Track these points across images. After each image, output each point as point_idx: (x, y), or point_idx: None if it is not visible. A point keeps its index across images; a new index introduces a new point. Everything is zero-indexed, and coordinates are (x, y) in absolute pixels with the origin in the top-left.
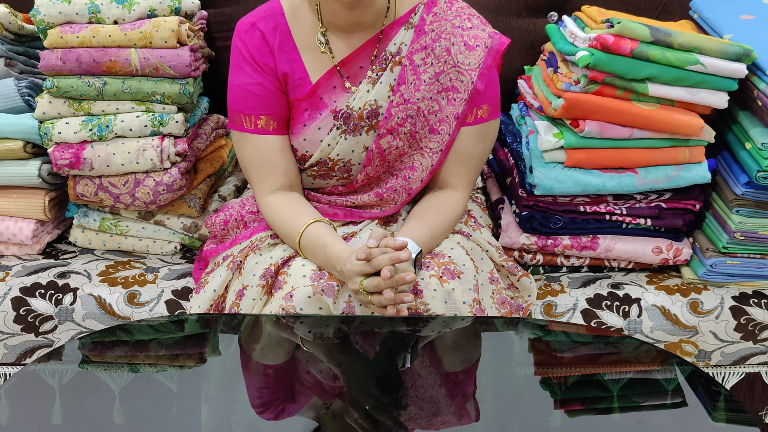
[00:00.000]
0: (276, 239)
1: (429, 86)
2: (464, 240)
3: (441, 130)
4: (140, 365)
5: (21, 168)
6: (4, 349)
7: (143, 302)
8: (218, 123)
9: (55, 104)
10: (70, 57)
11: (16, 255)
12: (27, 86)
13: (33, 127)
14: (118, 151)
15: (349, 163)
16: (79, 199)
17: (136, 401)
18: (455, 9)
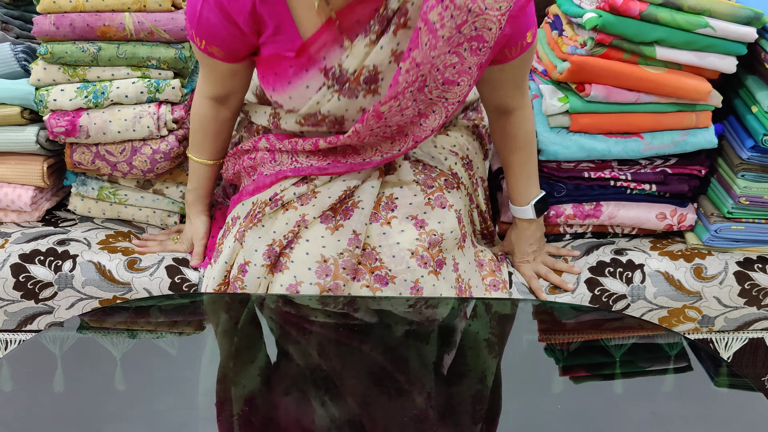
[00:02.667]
0: (277, 206)
1: (448, 41)
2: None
3: (461, 81)
4: (141, 333)
5: (19, 134)
6: (5, 316)
7: (144, 267)
8: None
9: (49, 70)
10: (63, 22)
11: (15, 222)
12: (23, 51)
13: (29, 92)
14: (114, 118)
15: (342, 119)
16: (76, 168)
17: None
18: None
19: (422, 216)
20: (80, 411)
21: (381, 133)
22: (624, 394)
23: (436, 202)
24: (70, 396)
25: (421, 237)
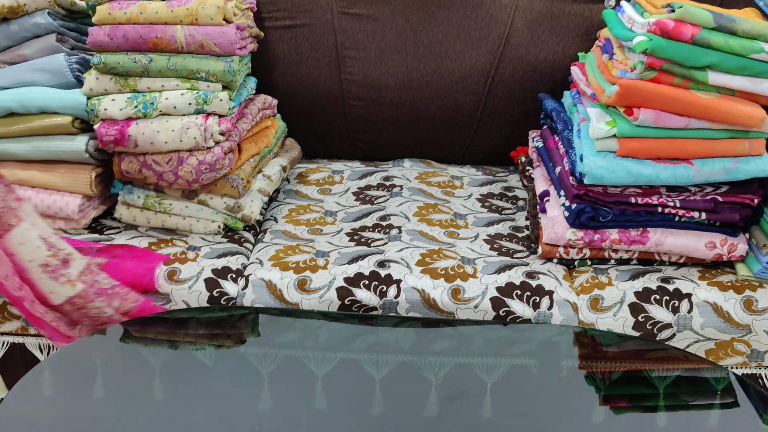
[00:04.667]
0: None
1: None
2: None
3: None
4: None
5: (69, 143)
6: None
7: (183, 279)
8: (265, 104)
9: (101, 80)
10: (117, 33)
11: (62, 229)
12: (77, 62)
13: (81, 102)
14: (162, 128)
15: None
16: (123, 176)
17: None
18: None
19: None
20: (116, 418)
21: None
22: (667, 428)
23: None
24: (107, 402)
25: None
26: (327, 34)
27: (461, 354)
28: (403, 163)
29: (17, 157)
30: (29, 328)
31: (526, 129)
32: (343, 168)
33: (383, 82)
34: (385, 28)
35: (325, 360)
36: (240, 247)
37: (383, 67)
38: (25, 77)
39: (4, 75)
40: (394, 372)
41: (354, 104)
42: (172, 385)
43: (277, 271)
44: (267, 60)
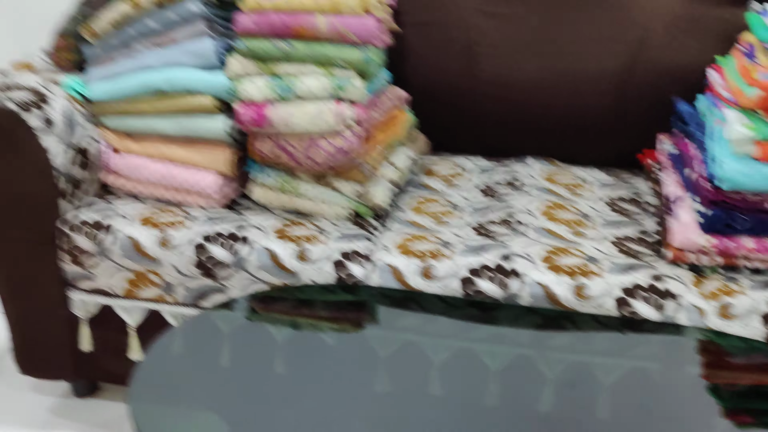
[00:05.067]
0: None
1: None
2: None
3: None
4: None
5: (210, 122)
6: (184, 291)
7: (313, 259)
8: (396, 96)
9: (244, 64)
10: (263, 20)
11: (200, 205)
12: (222, 47)
13: (223, 84)
14: (297, 112)
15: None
16: (258, 156)
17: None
18: None
19: None
20: (237, 388)
21: None
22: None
23: None
24: (230, 372)
25: None
26: (461, 31)
27: (580, 351)
28: (528, 161)
29: (162, 133)
30: (166, 296)
31: (653, 133)
32: (468, 163)
33: (513, 80)
34: (518, 26)
35: (442, 348)
36: (367, 233)
37: (514, 65)
38: (174, 59)
39: (155, 57)
40: (510, 364)
41: (483, 101)
42: (292, 360)
43: (403, 258)
44: (400, 54)
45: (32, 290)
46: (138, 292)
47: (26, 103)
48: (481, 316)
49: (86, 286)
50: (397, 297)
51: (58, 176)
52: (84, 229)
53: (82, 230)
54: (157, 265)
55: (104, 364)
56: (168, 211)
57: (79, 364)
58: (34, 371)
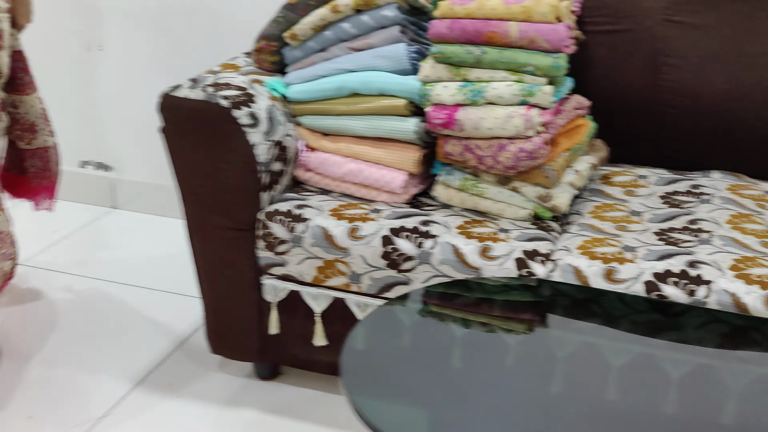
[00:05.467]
0: None
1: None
2: None
3: None
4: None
5: (401, 123)
6: (369, 281)
7: (495, 256)
8: (579, 104)
9: (436, 69)
10: (456, 26)
11: (385, 201)
12: (415, 51)
13: (415, 88)
14: (487, 115)
15: None
16: (445, 158)
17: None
18: None
19: None
20: (418, 379)
21: None
22: None
23: None
24: (410, 363)
25: None
26: (646, 41)
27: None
28: (712, 174)
29: (355, 133)
30: (352, 285)
31: None
32: (648, 173)
33: (700, 91)
34: (708, 36)
35: (621, 351)
36: (547, 234)
37: (701, 75)
38: (370, 62)
39: (351, 60)
40: (690, 374)
41: (667, 112)
42: (470, 355)
43: (585, 259)
44: (583, 62)
45: (228, 274)
46: (325, 280)
47: (236, 101)
48: (664, 321)
49: (278, 273)
50: (578, 296)
51: (261, 170)
52: (279, 218)
53: (278, 220)
54: (346, 254)
55: (289, 348)
56: (355, 206)
57: (266, 347)
58: (224, 351)
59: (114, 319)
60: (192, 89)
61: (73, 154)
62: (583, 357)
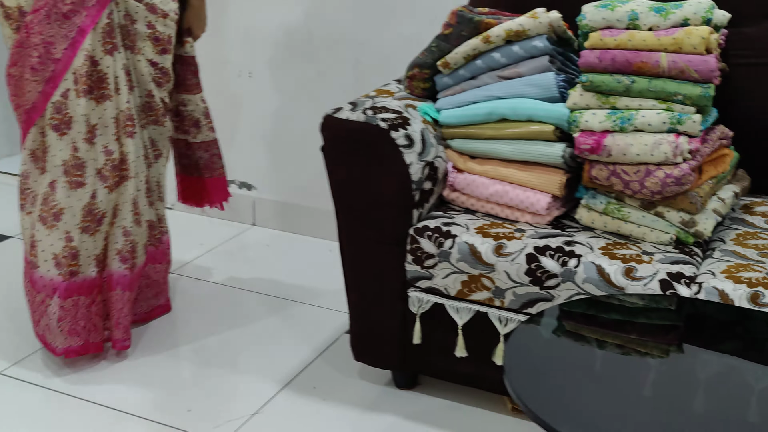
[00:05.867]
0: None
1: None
2: None
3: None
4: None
5: (548, 148)
6: (512, 296)
7: (639, 277)
8: (723, 134)
9: (585, 97)
10: (606, 57)
11: (528, 222)
12: (563, 80)
13: (564, 114)
14: (635, 142)
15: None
16: (591, 182)
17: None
18: None
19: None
20: (559, 396)
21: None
22: None
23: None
24: (551, 379)
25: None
26: None
27: None
28: None
29: (502, 156)
30: (495, 300)
31: None
32: None
33: None
34: None
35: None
36: (690, 258)
37: None
38: (519, 90)
39: (501, 87)
40: None
41: None
42: (610, 372)
43: (730, 283)
44: (727, 93)
45: (376, 285)
46: (469, 294)
47: (393, 123)
48: None
49: (423, 285)
50: (723, 317)
51: (413, 188)
52: (428, 234)
53: (427, 235)
54: (491, 270)
55: (429, 359)
56: (500, 225)
57: (407, 357)
58: (367, 358)
59: (259, 326)
60: (352, 111)
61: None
62: (727, 378)
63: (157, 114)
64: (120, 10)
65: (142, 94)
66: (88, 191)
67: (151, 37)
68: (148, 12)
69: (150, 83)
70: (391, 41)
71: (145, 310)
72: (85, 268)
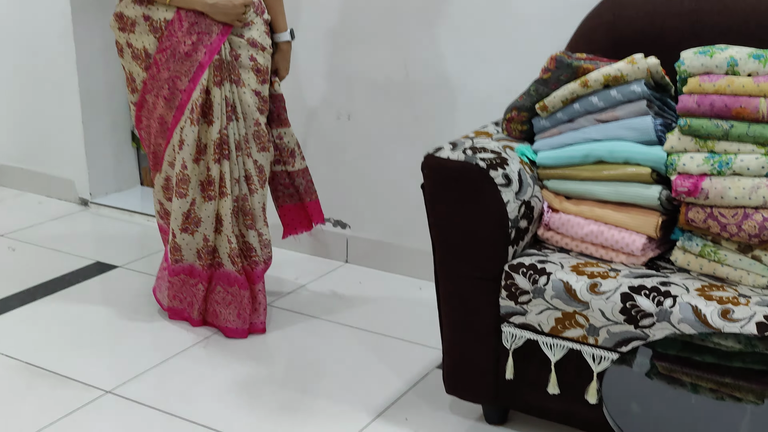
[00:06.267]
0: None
1: None
2: None
3: None
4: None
5: (644, 190)
6: (606, 334)
7: (735, 319)
8: None
9: (682, 140)
10: (704, 102)
11: (623, 262)
12: (661, 124)
13: (661, 157)
14: (733, 185)
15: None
16: (687, 225)
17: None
18: None
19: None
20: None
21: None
22: None
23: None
24: (646, 418)
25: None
26: None
27: None
28: None
29: (598, 197)
30: (589, 337)
31: None
32: None
33: None
34: None
35: None
36: None
37: None
38: (616, 133)
39: (598, 130)
40: None
41: None
42: (704, 414)
43: None
44: None
45: (471, 320)
46: (563, 331)
47: (492, 163)
48: None
49: (517, 321)
50: None
51: (510, 225)
52: (523, 270)
53: (522, 272)
54: (585, 308)
55: (521, 394)
56: (594, 264)
57: (499, 391)
58: (458, 392)
59: (351, 358)
60: (453, 151)
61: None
62: None
63: (263, 140)
64: (226, 47)
65: (250, 123)
66: (188, 200)
67: (254, 69)
68: (249, 46)
69: (256, 112)
70: (487, 85)
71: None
72: (189, 257)
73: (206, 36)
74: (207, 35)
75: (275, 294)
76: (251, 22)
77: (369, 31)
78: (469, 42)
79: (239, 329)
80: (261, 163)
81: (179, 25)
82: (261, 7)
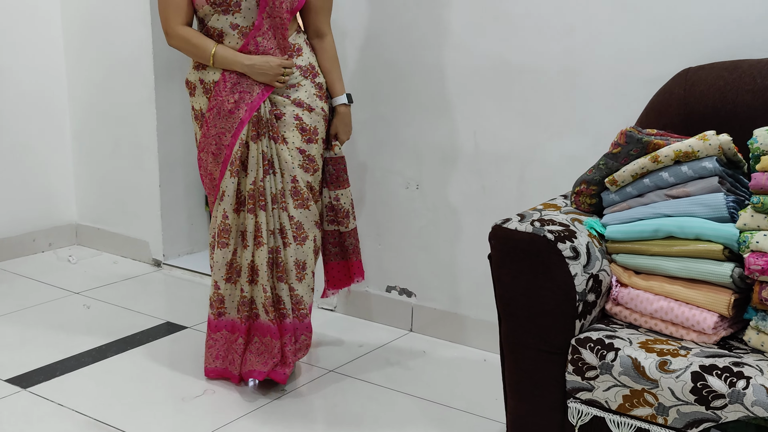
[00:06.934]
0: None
1: None
2: None
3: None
4: None
5: (716, 267)
6: (676, 415)
7: None
8: None
9: (756, 218)
10: None
11: (694, 341)
12: (733, 201)
13: (734, 234)
14: None
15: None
16: (761, 304)
17: None
18: None
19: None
20: None
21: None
22: None
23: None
24: None
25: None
26: None
27: None
28: None
29: (668, 273)
30: (658, 416)
31: None
32: None
33: None
34: None
35: None
36: None
37: None
38: (687, 209)
39: (669, 205)
40: None
41: None
42: None
43: None
44: None
45: (536, 394)
46: (631, 409)
47: (560, 235)
48: None
49: (583, 397)
50: None
51: (577, 299)
52: (590, 345)
53: (589, 347)
54: (654, 386)
55: None
56: (663, 341)
57: None
58: None
59: (414, 428)
60: (521, 222)
61: (382, 279)
62: None
63: (302, 198)
64: (267, 105)
65: (288, 179)
66: (230, 250)
67: (298, 128)
68: (295, 106)
69: (296, 169)
70: (555, 159)
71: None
72: (231, 311)
73: (248, 95)
74: (248, 94)
75: (338, 361)
76: (298, 84)
77: (439, 103)
78: (539, 115)
79: (257, 371)
80: (298, 220)
81: (224, 85)
82: (313, 72)
